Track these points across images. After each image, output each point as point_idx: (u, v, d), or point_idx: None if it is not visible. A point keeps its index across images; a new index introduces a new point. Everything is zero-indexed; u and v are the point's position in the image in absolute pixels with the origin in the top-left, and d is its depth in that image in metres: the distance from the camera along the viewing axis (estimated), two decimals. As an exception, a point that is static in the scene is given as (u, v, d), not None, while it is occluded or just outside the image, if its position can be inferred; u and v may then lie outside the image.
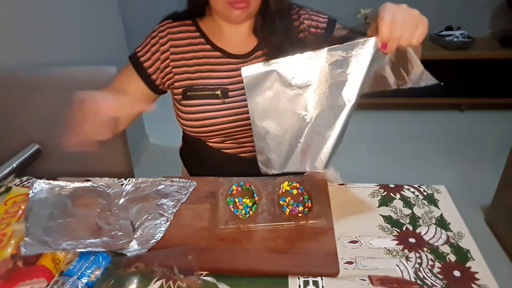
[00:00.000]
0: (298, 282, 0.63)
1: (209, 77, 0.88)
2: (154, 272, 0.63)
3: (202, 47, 0.89)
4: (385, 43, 0.62)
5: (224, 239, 0.71)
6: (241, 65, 0.84)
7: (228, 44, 0.89)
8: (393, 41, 0.61)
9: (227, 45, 0.89)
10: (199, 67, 0.88)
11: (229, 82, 0.88)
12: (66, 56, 1.57)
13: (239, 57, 0.88)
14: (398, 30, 0.60)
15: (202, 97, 0.87)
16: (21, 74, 1.08)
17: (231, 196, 0.80)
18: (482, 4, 2.78)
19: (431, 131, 2.55)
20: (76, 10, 1.66)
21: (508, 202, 1.64)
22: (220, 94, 0.87)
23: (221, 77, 0.88)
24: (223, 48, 0.89)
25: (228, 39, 0.89)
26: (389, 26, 0.60)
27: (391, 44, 0.61)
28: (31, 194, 0.78)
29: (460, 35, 2.61)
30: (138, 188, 0.86)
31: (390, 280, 0.60)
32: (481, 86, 2.70)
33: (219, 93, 0.87)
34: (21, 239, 0.66)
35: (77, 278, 0.61)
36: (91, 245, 0.67)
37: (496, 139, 2.47)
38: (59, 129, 0.69)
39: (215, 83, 0.87)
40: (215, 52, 0.88)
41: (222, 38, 0.89)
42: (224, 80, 0.88)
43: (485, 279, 0.63)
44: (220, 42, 0.89)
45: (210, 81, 0.88)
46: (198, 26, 0.90)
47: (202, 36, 0.89)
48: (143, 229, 0.74)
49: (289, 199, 0.79)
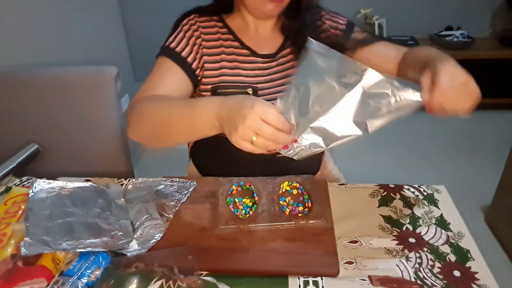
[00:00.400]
0: (298, 282, 0.63)
1: (238, 74, 0.86)
2: (154, 272, 0.63)
3: (231, 43, 0.87)
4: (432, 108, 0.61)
5: (224, 239, 0.71)
6: (268, 65, 0.87)
7: (255, 42, 0.88)
8: (441, 111, 0.61)
9: (254, 43, 0.87)
10: (228, 63, 0.86)
11: (256, 81, 0.86)
12: (66, 56, 1.57)
13: (265, 56, 0.87)
14: (451, 103, 0.59)
15: (233, 95, 0.85)
16: (21, 74, 1.08)
17: (231, 196, 0.80)
18: (482, 4, 2.78)
19: (431, 131, 2.55)
20: (76, 10, 1.66)
21: (508, 202, 1.64)
22: (251, 93, 0.85)
23: (249, 75, 0.86)
24: (250, 47, 0.87)
25: (254, 37, 0.88)
26: (444, 98, 0.59)
27: (438, 112, 0.61)
28: (31, 194, 0.78)
29: (460, 35, 2.62)
30: (138, 188, 0.86)
31: (390, 280, 0.60)
32: (481, 86, 2.69)
33: (250, 92, 0.85)
34: (21, 239, 0.66)
35: (77, 278, 0.61)
36: (91, 245, 0.67)
37: (496, 139, 2.47)
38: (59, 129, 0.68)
39: (244, 81, 0.86)
40: (243, 50, 0.87)
41: (249, 36, 0.88)
42: (251, 78, 0.86)
43: (485, 279, 0.63)
44: (248, 40, 0.87)
45: (238, 79, 0.85)
46: (225, 23, 0.88)
47: (230, 33, 0.87)
48: (143, 229, 0.73)
49: (289, 199, 0.79)
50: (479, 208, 1.85)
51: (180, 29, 0.85)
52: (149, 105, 0.72)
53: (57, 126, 1.10)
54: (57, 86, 1.07)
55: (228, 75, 0.85)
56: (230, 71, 0.85)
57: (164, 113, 0.69)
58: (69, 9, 1.59)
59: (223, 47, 0.86)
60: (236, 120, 0.56)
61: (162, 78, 0.81)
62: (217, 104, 0.61)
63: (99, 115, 1.07)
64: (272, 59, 0.88)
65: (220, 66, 0.85)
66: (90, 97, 1.05)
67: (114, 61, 2.03)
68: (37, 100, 1.07)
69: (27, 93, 1.07)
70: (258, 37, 0.88)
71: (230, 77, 0.85)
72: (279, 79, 0.87)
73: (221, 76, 0.85)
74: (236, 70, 0.85)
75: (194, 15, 0.87)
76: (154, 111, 0.70)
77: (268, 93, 0.86)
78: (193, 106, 0.65)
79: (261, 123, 0.55)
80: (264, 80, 0.86)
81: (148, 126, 0.71)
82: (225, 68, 0.85)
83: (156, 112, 0.70)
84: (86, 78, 1.06)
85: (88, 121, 1.08)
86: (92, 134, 1.10)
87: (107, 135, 1.09)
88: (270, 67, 0.87)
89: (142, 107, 0.72)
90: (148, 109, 0.71)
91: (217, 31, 0.87)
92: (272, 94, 0.86)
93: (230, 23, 0.88)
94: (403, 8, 2.85)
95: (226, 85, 0.85)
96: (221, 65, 0.85)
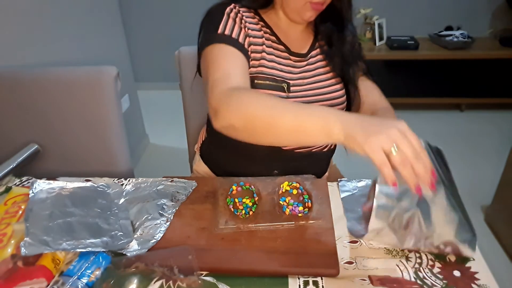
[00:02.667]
0: (298, 282, 0.62)
1: (274, 67, 0.86)
2: (154, 272, 0.63)
3: (270, 37, 0.87)
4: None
5: (224, 239, 0.71)
6: (299, 63, 0.88)
7: (288, 40, 0.89)
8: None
9: (287, 41, 0.88)
10: (267, 55, 0.85)
11: (289, 77, 0.87)
12: (66, 56, 1.57)
13: (298, 55, 0.89)
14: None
15: (270, 88, 0.84)
16: (21, 74, 1.08)
17: (231, 196, 0.80)
18: (482, 4, 2.78)
19: (431, 131, 2.55)
20: (76, 10, 1.66)
21: (508, 202, 1.64)
22: (286, 87, 0.85)
23: (284, 70, 0.87)
24: (285, 43, 0.88)
25: (286, 36, 0.89)
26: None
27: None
28: (31, 194, 0.78)
29: (460, 35, 2.62)
30: (138, 188, 0.86)
31: (390, 280, 0.60)
32: (481, 86, 2.70)
33: (285, 87, 0.85)
34: (21, 239, 0.66)
35: (77, 278, 0.61)
36: (91, 245, 0.67)
37: (496, 139, 2.47)
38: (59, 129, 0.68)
39: (280, 75, 0.86)
40: (280, 46, 0.88)
41: (282, 34, 0.89)
42: (286, 74, 0.87)
43: (485, 279, 0.63)
44: (282, 37, 0.88)
45: (274, 72, 0.86)
46: (261, 17, 0.88)
47: (267, 27, 0.88)
48: (143, 229, 0.74)
49: (289, 199, 0.79)
50: (479, 208, 1.85)
51: (227, 17, 0.81)
52: (250, 96, 0.67)
53: (57, 126, 1.10)
54: (57, 86, 1.06)
55: (266, 67, 0.85)
56: (268, 63, 0.85)
57: (270, 108, 0.64)
58: (69, 9, 1.59)
59: (264, 38, 0.86)
60: (378, 127, 0.55)
61: (232, 64, 0.77)
62: (340, 113, 0.59)
63: (99, 115, 1.07)
64: (303, 59, 0.89)
65: (261, 57, 0.85)
66: (90, 97, 1.05)
67: (114, 61, 2.03)
68: (37, 100, 1.07)
69: (27, 93, 1.07)
70: (289, 36, 0.89)
71: (268, 69, 0.85)
72: (308, 77, 0.89)
73: (260, 67, 0.85)
74: (273, 63, 0.86)
75: (233, 4, 0.84)
76: (258, 104, 0.65)
77: (299, 90, 0.87)
78: (308, 108, 0.63)
79: (405, 137, 0.54)
80: (296, 77, 0.87)
81: (247, 117, 0.65)
82: (265, 59, 0.85)
83: (261, 105, 0.65)
84: (86, 78, 1.06)
85: (88, 121, 1.08)
86: (92, 134, 1.10)
87: (107, 135, 1.09)
88: (301, 66, 0.89)
89: (241, 96, 0.68)
90: (250, 100, 0.66)
91: (258, 22, 0.87)
92: (302, 91, 0.87)
93: (266, 19, 0.88)
94: (403, 8, 2.85)
95: (263, 77, 0.84)
96: (262, 55, 0.85)
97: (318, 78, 0.90)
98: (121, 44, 2.10)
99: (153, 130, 2.60)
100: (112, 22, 2.00)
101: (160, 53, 3.17)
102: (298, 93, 0.87)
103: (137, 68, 2.86)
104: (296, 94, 0.86)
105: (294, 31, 0.90)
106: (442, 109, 2.83)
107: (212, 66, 0.75)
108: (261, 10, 0.88)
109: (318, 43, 0.92)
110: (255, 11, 0.88)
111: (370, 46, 2.71)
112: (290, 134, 0.63)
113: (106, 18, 1.94)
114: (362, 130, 0.55)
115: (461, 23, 2.75)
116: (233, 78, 0.73)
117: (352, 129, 0.56)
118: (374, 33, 2.71)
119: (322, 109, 0.61)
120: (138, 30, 3.10)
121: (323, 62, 0.91)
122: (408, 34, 2.78)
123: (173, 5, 3.00)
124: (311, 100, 0.88)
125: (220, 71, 0.74)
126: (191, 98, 1.19)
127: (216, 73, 0.74)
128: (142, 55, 3.19)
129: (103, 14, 1.91)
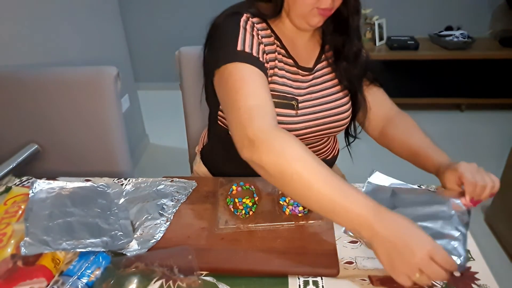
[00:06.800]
0: (298, 282, 0.63)
1: (284, 83, 0.83)
2: (154, 272, 0.63)
3: (280, 51, 0.83)
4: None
5: (224, 239, 0.71)
6: (306, 78, 0.86)
7: (296, 52, 0.85)
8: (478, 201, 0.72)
9: (295, 53, 0.85)
10: (278, 70, 0.82)
11: (297, 93, 0.84)
12: (66, 56, 1.57)
13: (305, 69, 0.86)
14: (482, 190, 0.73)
15: (280, 106, 0.81)
16: (22, 74, 1.08)
17: (231, 196, 0.80)
18: (482, 4, 2.78)
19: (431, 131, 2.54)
20: (76, 10, 1.66)
21: (508, 202, 1.64)
22: (295, 105, 0.83)
23: (293, 86, 0.84)
24: (293, 57, 0.85)
25: (293, 47, 0.85)
26: (475, 190, 0.73)
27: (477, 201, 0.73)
28: (31, 194, 0.78)
29: (460, 35, 2.62)
30: (138, 188, 0.86)
31: (390, 280, 0.59)
32: (481, 86, 2.70)
33: (294, 104, 0.83)
34: (21, 239, 0.66)
35: (77, 278, 0.61)
36: (91, 245, 0.67)
37: (496, 139, 2.47)
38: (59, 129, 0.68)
39: (289, 92, 0.83)
40: (289, 60, 0.84)
41: (290, 44, 0.85)
42: (295, 90, 0.84)
43: (485, 279, 0.63)
44: (290, 49, 0.85)
45: (285, 89, 0.83)
46: (272, 29, 0.83)
47: (277, 39, 0.83)
48: (143, 229, 0.74)
49: (289, 199, 0.78)
50: (479, 208, 1.85)
51: (244, 31, 0.76)
52: (296, 150, 0.63)
53: (57, 126, 1.10)
54: (57, 86, 1.07)
55: (277, 84, 0.82)
56: (279, 79, 0.82)
57: (312, 174, 0.61)
58: (69, 9, 1.59)
59: (276, 53, 0.82)
60: (404, 254, 0.55)
61: (262, 90, 0.73)
62: (372, 213, 0.58)
63: (99, 115, 1.07)
64: (310, 73, 0.86)
65: (273, 73, 0.82)
66: (90, 97, 1.05)
67: (114, 61, 2.03)
68: (37, 100, 1.07)
69: (27, 93, 1.07)
70: (296, 46, 0.86)
71: (279, 85, 0.82)
72: (316, 92, 0.87)
73: (271, 83, 0.81)
74: (283, 80, 0.83)
75: (245, 15, 0.79)
76: (302, 164, 0.62)
77: (307, 106, 0.85)
78: (349, 196, 0.60)
79: (430, 263, 0.54)
80: (304, 93, 0.85)
81: (285, 171, 0.62)
82: (276, 76, 0.82)
83: (303, 167, 0.62)
84: (86, 78, 1.06)
85: (88, 121, 1.08)
86: (92, 134, 1.10)
87: (107, 135, 1.09)
88: (308, 80, 0.86)
89: (285, 147, 0.64)
90: (294, 157, 0.63)
91: (270, 34, 0.82)
92: (310, 108, 0.85)
93: (276, 30, 0.84)
94: (403, 8, 2.85)
95: (275, 95, 0.80)
96: (274, 72, 0.82)
97: (326, 93, 0.87)
98: (121, 44, 2.10)
99: (153, 130, 2.60)
100: (112, 22, 2.00)
101: (160, 53, 3.17)
102: (306, 110, 0.84)
103: (137, 68, 2.86)
104: (304, 111, 0.84)
105: (301, 39, 0.87)
106: (442, 109, 2.83)
107: (242, 90, 0.70)
108: (270, 20, 0.83)
109: (325, 55, 0.89)
110: (266, 21, 0.83)
111: (370, 46, 2.71)
112: (321, 210, 0.62)
113: (106, 18, 1.94)
114: (388, 258, 0.57)
115: (461, 23, 2.75)
116: (269, 108, 0.70)
117: (378, 248, 0.58)
118: (374, 33, 2.71)
119: (359, 201, 0.59)
120: (138, 30, 3.10)
121: (329, 75, 0.89)
122: (408, 34, 2.78)
123: (173, 5, 3.00)
124: (318, 117, 0.86)
125: (252, 97, 0.70)
126: (191, 98, 1.19)
127: (249, 100, 0.70)
128: (142, 55, 3.19)
129: (103, 14, 1.91)
